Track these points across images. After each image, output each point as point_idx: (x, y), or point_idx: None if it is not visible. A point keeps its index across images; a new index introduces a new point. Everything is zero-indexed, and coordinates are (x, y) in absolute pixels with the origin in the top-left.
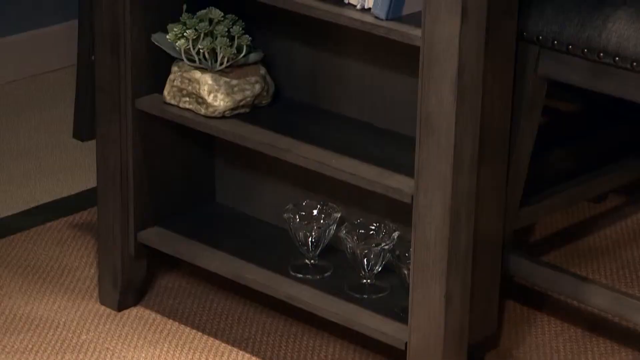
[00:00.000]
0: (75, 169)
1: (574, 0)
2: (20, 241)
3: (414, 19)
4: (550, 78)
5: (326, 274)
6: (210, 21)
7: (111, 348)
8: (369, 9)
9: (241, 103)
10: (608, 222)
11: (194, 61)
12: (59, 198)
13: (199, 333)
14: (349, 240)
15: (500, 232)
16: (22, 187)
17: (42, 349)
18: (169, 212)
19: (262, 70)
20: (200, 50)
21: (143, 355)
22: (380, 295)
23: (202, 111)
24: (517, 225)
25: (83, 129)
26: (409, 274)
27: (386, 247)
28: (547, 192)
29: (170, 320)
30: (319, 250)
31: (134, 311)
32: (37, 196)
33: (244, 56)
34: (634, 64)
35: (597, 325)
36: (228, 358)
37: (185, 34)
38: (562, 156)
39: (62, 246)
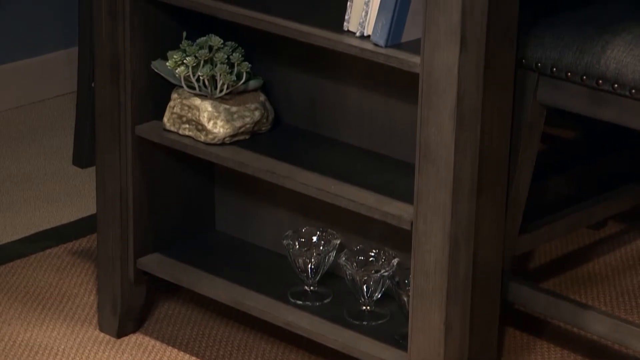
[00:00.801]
0: (75, 196)
1: (573, 28)
2: (19, 268)
3: (413, 46)
4: (549, 105)
5: (325, 301)
6: (210, 48)
7: None
8: (369, 36)
9: (241, 130)
10: (607, 249)
11: (194, 88)
12: (59, 225)
13: None
14: (348, 266)
15: (499, 258)
16: (22, 214)
17: None
18: (168, 238)
19: (262, 97)
20: (200, 78)
21: None
22: (379, 322)
23: (202, 138)
24: (517, 252)
25: (83, 156)
26: (408, 300)
27: (386, 273)
28: (547, 219)
29: (170, 347)
30: (318, 277)
31: (133, 338)
32: (36, 223)
33: (243, 83)
34: (633, 91)
35: (597, 352)
36: None
37: (185, 61)
38: (561, 183)
39: (61, 273)
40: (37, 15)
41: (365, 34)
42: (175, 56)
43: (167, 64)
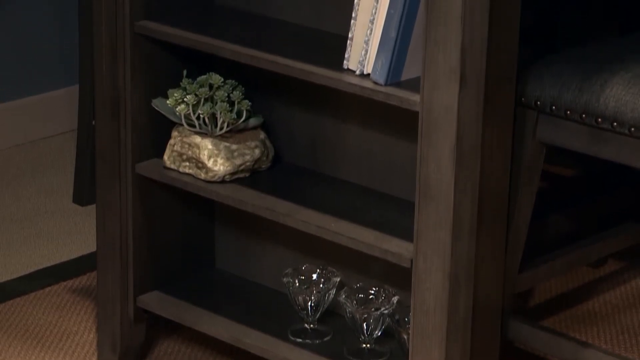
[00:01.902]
0: (75, 234)
1: (572, 66)
2: (19, 306)
3: (413, 84)
4: (548, 143)
5: (325, 338)
6: (211, 86)
7: None
8: (368, 74)
9: (241, 167)
10: (607, 286)
11: (194, 126)
12: (59, 262)
13: None
14: (348, 304)
15: (499, 296)
16: (22, 252)
17: None
18: (168, 276)
19: (262, 135)
20: (201, 116)
21: None
22: (380, 359)
23: (202, 176)
24: (517, 290)
25: (83, 194)
26: (408, 338)
27: (385, 311)
28: (547, 257)
29: None
30: (318, 315)
31: None
32: (36, 260)
33: (243, 121)
34: (632, 129)
35: None
36: None
37: (185, 99)
38: (561, 221)
39: (61, 311)
40: (38, 54)
41: (365, 72)
42: (175, 94)
43: (168, 102)
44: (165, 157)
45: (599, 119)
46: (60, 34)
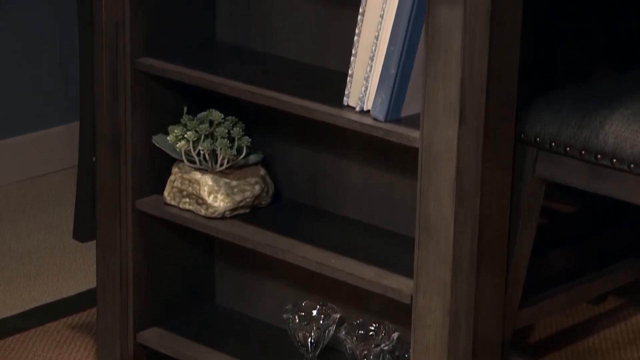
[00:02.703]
0: (75, 270)
1: (571, 103)
2: (19, 342)
3: (413, 121)
4: (548, 179)
5: None
6: (211, 123)
7: None
8: (368, 110)
9: (241, 204)
10: (607, 323)
11: (195, 162)
12: (59, 299)
13: None
14: (348, 340)
15: (499, 333)
16: (22, 288)
17: None
18: (168, 312)
19: (262, 171)
20: (201, 152)
21: None
22: None
23: (202, 212)
24: (517, 326)
25: (83, 230)
26: None
27: (385, 348)
28: (547, 293)
29: None
30: (318, 351)
31: None
32: (36, 297)
33: (244, 157)
34: (632, 165)
35: None
36: None
37: (185, 135)
38: (561, 257)
39: (61, 347)
40: (38, 90)
41: (365, 109)
42: (176, 130)
43: (168, 138)
44: (166, 193)
45: (599, 156)
46: (62, 71)
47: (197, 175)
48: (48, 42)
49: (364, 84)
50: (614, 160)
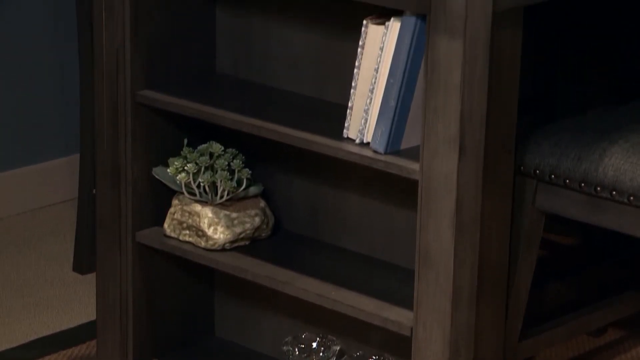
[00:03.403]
0: (75, 302)
1: (571, 135)
2: None
3: (413, 153)
4: (548, 211)
5: None
6: (211, 155)
7: None
8: (368, 143)
9: (241, 236)
10: (608, 355)
11: (195, 194)
12: (58, 331)
13: None
14: None
15: None
16: (22, 320)
17: None
18: (168, 344)
19: (262, 203)
20: (201, 184)
21: None
22: None
23: (202, 244)
24: (517, 358)
25: (83, 262)
26: None
27: None
28: (547, 325)
29: None
30: None
31: None
32: (36, 329)
33: (244, 189)
34: (631, 198)
35: None
36: None
37: (186, 167)
38: (561, 289)
39: None
40: (39, 123)
41: (364, 141)
42: (176, 163)
43: (168, 170)
44: (166, 225)
45: (598, 188)
46: (62, 103)
47: (197, 207)
48: (48, 74)
49: (364, 116)
50: (614, 192)
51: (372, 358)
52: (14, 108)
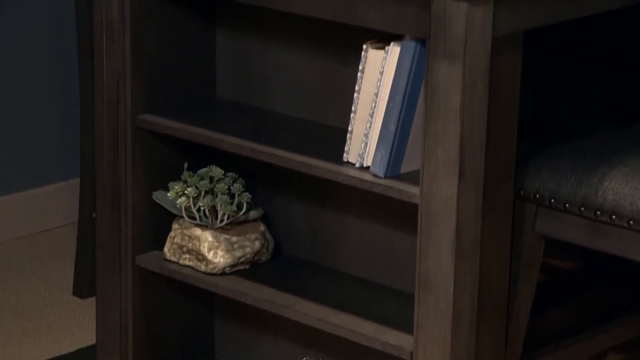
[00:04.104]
0: (75, 327)
1: (571, 160)
2: None
3: (413, 177)
4: (548, 236)
5: None
6: (211, 179)
7: None
8: (368, 167)
9: (241, 260)
10: None
11: (195, 218)
12: (58, 355)
13: None
14: None
15: None
16: (22, 344)
17: None
18: None
19: (262, 227)
20: (201, 208)
21: None
22: None
23: (202, 268)
24: None
25: (83, 286)
26: None
27: None
28: (547, 349)
29: None
30: None
31: None
32: (35, 353)
33: (244, 213)
34: (631, 222)
35: None
36: None
37: (186, 191)
38: (561, 314)
39: None
40: (39, 147)
41: (364, 165)
42: (176, 187)
43: (168, 194)
44: (166, 249)
45: (598, 212)
46: (62, 127)
47: (197, 231)
48: (49, 99)
49: (364, 140)
50: (614, 216)
51: None
52: (14, 132)
